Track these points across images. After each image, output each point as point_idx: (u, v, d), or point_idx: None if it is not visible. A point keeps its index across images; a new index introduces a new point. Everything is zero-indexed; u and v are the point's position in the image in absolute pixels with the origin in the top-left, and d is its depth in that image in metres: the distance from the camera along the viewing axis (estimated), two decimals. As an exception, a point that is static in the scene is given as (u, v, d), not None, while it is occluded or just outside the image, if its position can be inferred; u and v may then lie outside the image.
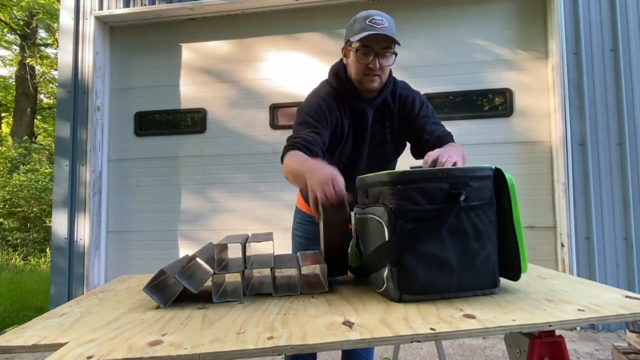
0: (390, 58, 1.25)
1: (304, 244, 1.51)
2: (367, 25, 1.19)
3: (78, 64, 3.63)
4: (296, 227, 1.56)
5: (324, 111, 1.29)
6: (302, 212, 1.54)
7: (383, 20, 1.20)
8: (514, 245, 0.81)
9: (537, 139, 3.18)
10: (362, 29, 1.20)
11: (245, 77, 3.60)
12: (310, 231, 1.50)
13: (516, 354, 0.76)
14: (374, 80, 1.25)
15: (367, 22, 1.19)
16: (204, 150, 3.60)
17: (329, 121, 1.29)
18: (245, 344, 0.62)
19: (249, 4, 3.48)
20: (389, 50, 1.23)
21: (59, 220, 3.54)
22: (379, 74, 1.25)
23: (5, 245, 7.36)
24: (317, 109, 1.29)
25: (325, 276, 0.94)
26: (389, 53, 1.23)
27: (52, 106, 12.24)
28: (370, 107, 1.33)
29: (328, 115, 1.29)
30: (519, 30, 3.26)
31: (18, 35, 10.87)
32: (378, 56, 1.22)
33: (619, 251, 2.89)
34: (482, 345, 2.68)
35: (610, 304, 0.71)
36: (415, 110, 1.34)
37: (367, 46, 1.21)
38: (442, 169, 0.80)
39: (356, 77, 1.27)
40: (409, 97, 1.36)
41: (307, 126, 1.26)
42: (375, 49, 1.21)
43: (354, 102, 1.32)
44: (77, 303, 0.95)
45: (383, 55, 1.23)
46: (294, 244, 1.56)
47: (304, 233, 1.52)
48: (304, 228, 1.52)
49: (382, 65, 1.23)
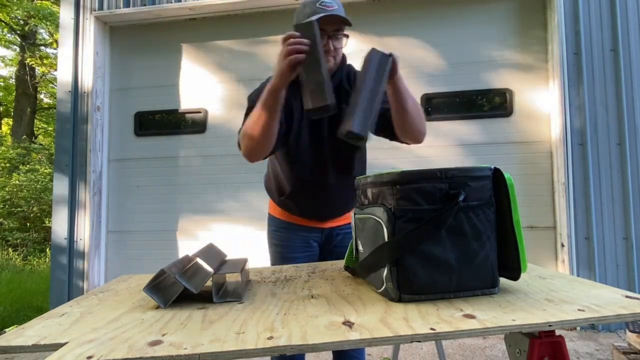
0: (342, 40, 1.28)
1: (280, 252, 1.46)
2: (318, 8, 1.20)
3: (78, 64, 3.63)
4: (272, 236, 1.50)
5: None
6: (276, 218, 1.50)
7: (332, 3, 1.22)
8: (513, 245, 0.81)
9: (537, 139, 3.18)
10: (313, 12, 1.20)
11: (246, 77, 3.60)
12: (285, 238, 1.46)
13: (516, 354, 0.76)
14: (328, 61, 1.25)
15: (318, 4, 1.20)
16: (204, 150, 3.60)
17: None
18: (245, 344, 0.62)
19: (249, 4, 3.48)
20: (340, 31, 1.25)
21: (59, 220, 3.54)
22: (333, 54, 1.26)
23: (5, 245, 7.36)
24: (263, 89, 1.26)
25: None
26: (340, 35, 1.26)
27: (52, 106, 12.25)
28: None
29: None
30: (519, 30, 3.26)
31: (18, 35, 10.87)
32: (331, 38, 1.24)
33: (619, 251, 2.89)
34: (482, 345, 2.68)
35: (610, 304, 0.71)
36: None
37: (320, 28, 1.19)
38: (441, 169, 0.80)
39: None
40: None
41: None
42: (328, 31, 1.23)
43: None
44: (77, 303, 0.95)
45: (335, 37, 1.25)
46: (271, 253, 1.51)
47: (280, 241, 1.47)
48: (280, 235, 1.47)
49: (335, 47, 1.26)
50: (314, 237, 1.47)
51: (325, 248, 1.49)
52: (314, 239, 1.47)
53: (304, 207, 1.43)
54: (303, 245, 1.46)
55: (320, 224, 1.45)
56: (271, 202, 1.54)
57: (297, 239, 1.46)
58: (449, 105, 3.37)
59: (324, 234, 1.47)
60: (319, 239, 1.48)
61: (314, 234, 1.46)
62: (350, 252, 1.06)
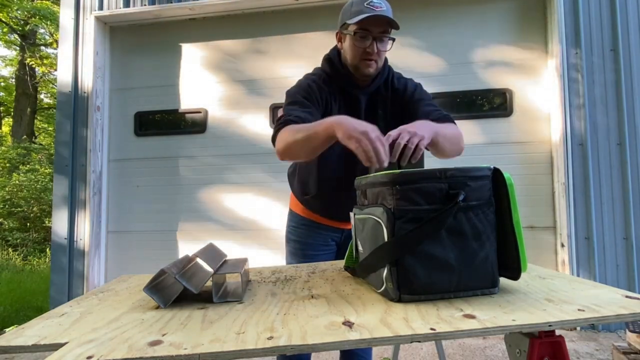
0: (388, 43, 1.21)
1: (299, 249, 1.44)
2: (365, 8, 1.14)
3: (78, 64, 3.63)
4: (291, 231, 1.48)
5: (315, 91, 1.24)
6: (297, 214, 1.48)
7: (381, 3, 1.16)
8: (513, 245, 0.81)
9: (537, 139, 3.18)
10: (359, 11, 1.15)
11: (245, 77, 3.60)
12: (306, 235, 1.44)
13: (516, 354, 0.76)
14: (370, 65, 1.21)
15: (365, 4, 1.15)
16: (204, 150, 3.60)
17: (320, 102, 1.23)
18: (245, 344, 0.62)
19: (249, 4, 3.48)
20: (387, 34, 1.19)
21: (59, 220, 3.55)
22: (376, 59, 1.20)
23: (5, 245, 7.36)
24: (307, 88, 1.24)
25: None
26: (386, 37, 1.19)
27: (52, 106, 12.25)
28: (364, 95, 1.28)
29: (319, 96, 1.24)
30: (519, 31, 3.26)
31: (18, 35, 10.87)
32: (376, 40, 1.18)
33: (619, 251, 2.89)
34: (482, 345, 2.68)
35: (610, 304, 0.71)
36: (407, 93, 1.29)
37: (364, 29, 1.16)
38: (441, 169, 0.80)
39: (352, 61, 1.22)
40: (401, 82, 1.31)
41: (300, 105, 1.20)
42: (373, 33, 1.17)
43: (347, 87, 1.27)
44: (77, 303, 0.95)
45: (380, 40, 1.19)
46: (288, 249, 1.49)
47: (299, 237, 1.45)
48: (300, 232, 1.45)
49: (380, 50, 1.19)
50: (334, 236, 1.46)
51: (344, 247, 1.47)
52: (334, 239, 1.46)
53: (328, 208, 1.41)
54: (322, 244, 1.44)
55: (342, 224, 1.44)
56: (293, 199, 1.52)
57: (317, 237, 1.44)
58: (449, 105, 3.36)
59: (344, 234, 1.46)
60: (338, 239, 1.47)
61: (334, 233, 1.45)
62: (350, 252, 1.06)
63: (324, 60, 1.33)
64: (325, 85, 1.26)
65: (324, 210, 1.42)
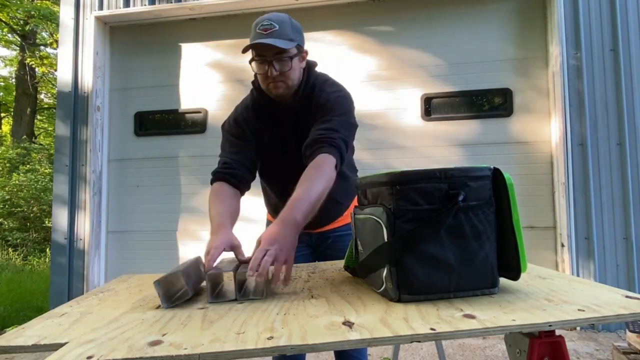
0: (288, 62, 1.16)
1: None
2: (256, 33, 1.13)
3: (78, 64, 3.63)
4: None
5: (242, 126, 1.29)
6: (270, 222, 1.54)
7: (272, 24, 1.13)
8: (513, 245, 0.81)
9: (537, 139, 3.18)
10: (253, 37, 1.13)
11: (246, 77, 3.60)
12: None
13: (516, 354, 0.76)
14: (278, 87, 1.18)
15: (257, 29, 1.13)
16: (204, 150, 3.60)
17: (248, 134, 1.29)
18: (245, 344, 0.62)
19: (249, 4, 3.48)
20: (285, 54, 1.14)
21: (59, 220, 3.54)
22: (281, 79, 1.17)
23: (5, 245, 7.36)
24: (234, 125, 1.30)
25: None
26: (285, 57, 1.15)
27: (52, 106, 12.25)
28: (287, 111, 1.27)
29: (247, 129, 1.29)
30: (518, 31, 3.25)
31: (18, 35, 10.87)
32: (271, 64, 1.14)
33: (619, 251, 2.89)
34: (482, 345, 2.68)
35: (610, 304, 0.71)
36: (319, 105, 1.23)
37: (259, 55, 1.15)
38: (440, 169, 0.80)
39: (262, 85, 1.23)
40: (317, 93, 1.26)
41: (230, 145, 1.29)
42: (268, 57, 1.14)
43: (270, 109, 1.29)
44: (77, 303, 0.95)
45: (279, 61, 1.14)
46: None
47: None
48: None
49: (281, 71, 1.15)
50: (305, 239, 1.49)
51: (318, 250, 1.51)
52: (304, 242, 1.49)
53: None
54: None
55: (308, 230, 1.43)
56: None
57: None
58: (449, 105, 3.36)
59: (314, 237, 1.49)
60: (309, 242, 1.50)
61: (304, 237, 1.47)
62: (350, 252, 1.06)
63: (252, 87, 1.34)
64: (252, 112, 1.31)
65: None
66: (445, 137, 3.29)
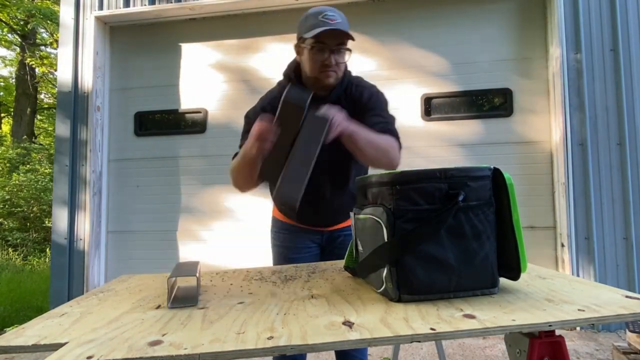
0: (345, 54, 1.24)
1: (282, 254, 1.49)
2: (320, 21, 1.17)
3: (78, 64, 3.63)
4: (274, 237, 1.54)
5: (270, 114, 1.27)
6: (279, 220, 1.52)
7: (335, 16, 1.18)
8: (513, 245, 0.81)
9: (537, 139, 3.18)
10: (315, 24, 1.17)
11: (246, 77, 3.60)
12: (287, 239, 1.48)
13: (516, 354, 0.76)
14: (330, 76, 1.23)
15: (320, 17, 1.17)
16: (204, 150, 3.60)
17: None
18: (245, 344, 0.62)
19: (249, 4, 3.48)
20: (343, 46, 1.22)
21: (59, 220, 3.54)
22: (335, 69, 1.23)
23: (5, 245, 7.36)
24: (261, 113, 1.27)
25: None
26: (343, 49, 1.22)
27: (52, 106, 12.25)
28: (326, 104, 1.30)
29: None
30: (519, 30, 3.25)
31: (18, 35, 10.87)
32: (333, 52, 1.20)
33: (619, 251, 2.89)
34: (482, 345, 2.68)
35: (610, 304, 0.71)
36: (362, 102, 1.30)
37: (321, 42, 1.19)
38: (440, 169, 0.80)
39: (312, 73, 1.25)
40: (358, 90, 1.32)
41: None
42: (330, 45, 1.20)
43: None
44: (77, 303, 0.95)
45: (338, 52, 1.21)
46: (273, 254, 1.54)
47: (282, 242, 1.50)
48: (282, 237, 1.50)
49: (337, 61, 1.22)
50: (315, 238, 1.49)
51: (327, 249, 1.51)
52: (314, 241, 1.49)
53: (303, 217, 1.45)
54: (303, 247, 1.48)
55: (320, 228, 1.47)
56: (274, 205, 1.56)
57: (298, 241, 1.48)
58: (449, 105, 3.36)
59: (324, 236, 1.49)
60: (319, 241, 1.50)
61: (314, 236, 1.48)
62: (350, 252, 1.06)
63: (284, 75, 1.37)
64: None
65: (298, 219, 1.47)
66: (445, 137, 3.29)
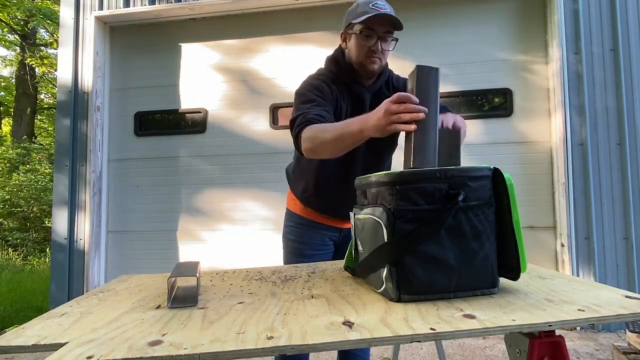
0: (391, 43, 1.26)
1: (297, 249, 1.45)
2: (370, 9, 1.20)
3: (78, 64, 3.63)
4: (289, 231, 1.49)
5: (327, 90, 1.27)
6: (295, 214, 1.48)
7: (385, 5, 1.22)
8: (513, 245, 0.81)
9: (537, 139, 3.18)
10: (364, 12, 1.20)
11: (246, 77, 3.60)
12: (304, 234, 1.45)
13: (516, 354, 0.76)
14: (374, 62, 1.26)
15: (370, 5, 1.21)
16: (204, 150, 3.60)
17: (332, 101, 1.27)
18: (245, 344, 0.62)
19: (249, 4, 3.48)
20: (390, 34, 1.25)
21: (59, 220, 3.54)
22: (380, 57, 1.25)
23: (5, 245, 7.36)
24: (320, 87, 1.27)
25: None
26: (389, 37, 1.25)
27: (52, 106, 12.25)
28: (368, 93, 1.33)
29: (330, 95, 1.27)
30: (519, 30, 3.25)
31: (18, 35, 10.87)
32: (380, 39, 1.23)
33: (619, 251, 2.89)
34: (482, 345, 2.68)
35: (610, 304, 0.71)
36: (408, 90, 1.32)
37: (370, 28, 1.22)
38: (440, 169, 0.81)
39: (357, 59, 1.27)
40: (401, 82, 1.38)
41: (315, 104, 1.21)
42: (378, 32, 1.22)
43: (352, 86, 1.31)
44: (77, 303, 0.95)
45: (384, 39, 1.24)
46: (286, 249, 1.50)
47: (297, 237, 1.46)
48: (298, 231, 1.46)
49: (384, 49, 1.25)
50: (332, 236, 1.47)
51: (342, 248, 1.49)
52: (331, 238, 1.47)
53: (326, 206, 1.43)
54: (320, 244, 1.46)
55: (340, 223, 1.45)
56: (291, 198, 1.52)
57: (315, 237, 1.46)
58: (449, 105, 3.36)
59: (342, 233, 1.47)
60: (336, 238, 1.48)
61: (332, 232, 1.46)
62: (350, 252, 1.06)
63: (328, 61, 1.37)
64: (333, 84, 1.30)
65: (322, 207, 1.44)
66: (445, 137, 3.29)
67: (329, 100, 1.25)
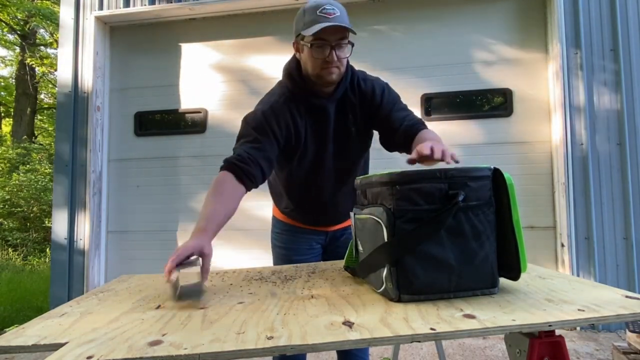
0: (347, 49, 1.18)
1: (285, 255, 1.46)
2: (318, 17, 1.11)
3: (78, 64, 3.63)
4: (275, 237, 1.50)
5: (270, 122, 1.20)
6: (280, 221, 1.49)
7: (334, 9, 1.12)
8: (513, 245, 0.81)
9: (537, 139, 3.18)
10: (313, 20, 1.12)
11: (246, 77, 3.60)
12: (290, 241, 1.46)
13: (516, 354, 0.76)
14: (332, 72, 1.17)
15: (318, 12, 1.11)
16: (204, 150, 3.60)
17: (276, 132, 1.21)
18: (245, 344, 0.62)
19: (249, 4, 3.48)
20: (344, 40, 1.16)
21: (59, 220, 3.54)
22: (337, 65, 1.17)
23: (5, 245, 7.36)
24: (261, 119, 1.21)
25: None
26: (344, 44, 1.16)
27: (52, 106, 12.25)
28: (331, 103, 1.25)
29: (275, 126, 1.21)
30: (519, 30, 3.25)
31: (18, 35, 10.87)
32: (334, 48, 1.15)
33: (619, 251, 2.89)
34: (482, 345, 2.68)
35: (610, 304, 0.71)
36: (376, 98, 1.26)
37: (321, 39, 1.13)
38: (440, 169, 0.80)
39: (313, 71, 1.19)
40: (368, 84, 1.28)
41: (248, 141, 1.19)
42: (330, 41, 1.13)
43: (311, 100, 1.25)
44: (77, 303, 0.95)
45: (339, 47, 1.16)
46: (274, 255, 1.51)
47: (283, 243, 1.47)
48: (283, 238, 1.47)
49: (339, 56, 1.16)
50: (318, 239, 1.47)
51: (329, 249, 1.49)
52: (318, 242, 1.47)
53: (306, 218, 1.44)
54: (307, 248, 1.46)
55: (324, 228, 1.46)
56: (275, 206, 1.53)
57: (301, 242, 1.46)
58: (449, 105, 3.36)
59: (328, 236, 1.47)
60: (322, 241, 1.48)
61: (318, 236, 1.46)
62: (350, 252, 1.06)
63: (284, 76, 1.30)
64: (285, 105, 1.24)
65: (305, 220, 1.45)
66: (445, 137, 3.26)
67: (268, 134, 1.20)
